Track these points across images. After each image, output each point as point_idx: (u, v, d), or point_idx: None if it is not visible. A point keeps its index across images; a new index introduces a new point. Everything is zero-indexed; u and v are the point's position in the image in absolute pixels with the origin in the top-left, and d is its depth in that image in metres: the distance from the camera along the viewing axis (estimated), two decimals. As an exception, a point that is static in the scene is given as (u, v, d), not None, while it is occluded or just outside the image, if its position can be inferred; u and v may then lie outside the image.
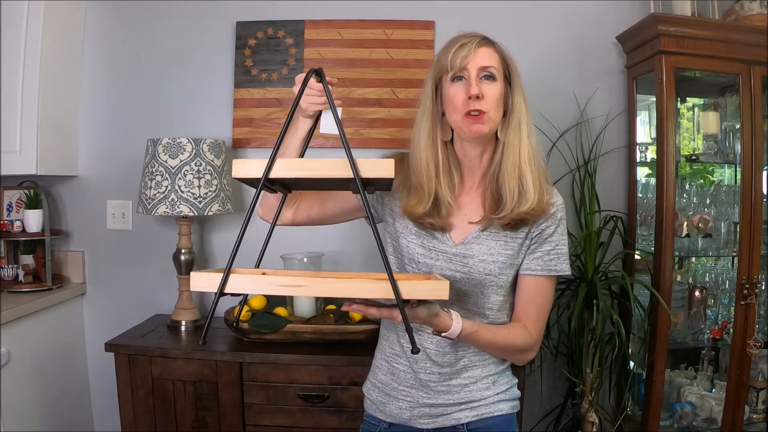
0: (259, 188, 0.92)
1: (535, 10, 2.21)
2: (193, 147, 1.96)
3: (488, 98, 1.14)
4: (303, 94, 1.05)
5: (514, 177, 1.16)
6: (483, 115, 1.14)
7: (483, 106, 1.13)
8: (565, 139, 2.18)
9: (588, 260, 2.00)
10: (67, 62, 2.20)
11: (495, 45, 1.19)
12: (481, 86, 1.14)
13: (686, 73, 2.01)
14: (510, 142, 1.17)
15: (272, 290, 0.90)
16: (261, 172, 0.91)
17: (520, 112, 1.18)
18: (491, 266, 1.18)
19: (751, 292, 1.93)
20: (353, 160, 0.89)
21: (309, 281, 0.88)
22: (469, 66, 1.14)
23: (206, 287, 0.90)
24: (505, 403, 1.25)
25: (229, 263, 0.91)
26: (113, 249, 2.31)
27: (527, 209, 1.15)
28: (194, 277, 0.91)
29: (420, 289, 0.92)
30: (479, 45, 1.15)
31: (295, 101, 1.02)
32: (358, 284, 0.89)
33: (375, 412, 1.29)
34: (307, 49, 2.22)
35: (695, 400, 2.01)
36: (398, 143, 2.17)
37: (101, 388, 2.28)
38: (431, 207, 1.18)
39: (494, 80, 1.15)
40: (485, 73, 1.15)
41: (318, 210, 1.31)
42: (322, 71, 1.02)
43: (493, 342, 1.17)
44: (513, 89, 1.18)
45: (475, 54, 1.14)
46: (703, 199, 2.03)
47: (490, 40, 1.19)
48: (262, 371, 1.80)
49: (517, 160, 1.16)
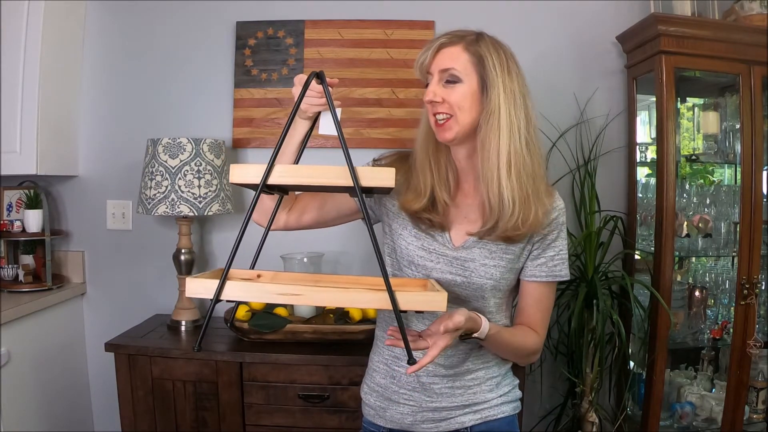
0: (257, 194, 0.91)
1: (535, 9, 2.21)
2: (193, 147, 1.96)
3: (450, 101, 1.10)
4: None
5: (493, 183, 1.09)
6: (447, 121, 1.11)
7: (446, 110, 1.10)
8: (565, 139, 2.19)
9: (588, 260, 2.00)
10: (67, 62, 2.20)
11: (464, 42, 1.11)
12: (441, 90, 1.10)
13: (686, 73, 2.01)
14: (484, 145, 1.10)
15: (269, 299, 0.90)
16: (259, 177, 0.90)
17: (498, 109, 1.08)
18: (492, 270, 1.16)
19: (751, 292, 1.93)
20: (353, 168, 0.88)
21: (306, 290, 0.88)
22: (431, 69, 1.12)
23: (202, 294, 0.90)
24: (508, 405, 1.24)
25: (225, 270, 0.90)
26: (113, 249, 2.31)
27: (511, 225, 1.09)
28: (190, 283, 0.90)
29: (417, 300, 0.90)
30: (441, 46, 1.11)
31: (296, 104, 1.01)
32: (355, 295, 0.89)
33: (374, 418, 1.26)
34: (307, 49, 2.22)
35: (695, 400, 2.01)
36: (398, 143, 2.17)
37: (101, 388, 2.28)
38: (427, 203, 1.16)
39: (457, 82, 1.10)
40: (447, 76, 1.10)
41: (313, 215, 1.28)
42: (323, 74, 1.00)
43: (511, 343, 1.17)
44: (489, 87, 1.09)
45: (435, 57, 1.11)
46: (703, 199, 2.02)
47: (459, 38, 1.12)
48: (262, 371, 1.80)
49: (495, 163, 1.09)
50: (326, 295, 0.89)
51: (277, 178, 0.91)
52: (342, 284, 1.10)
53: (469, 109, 1.10)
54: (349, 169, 0.88)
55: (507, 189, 1.09)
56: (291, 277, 1.16)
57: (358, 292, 0.89)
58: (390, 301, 0.87)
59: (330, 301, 0.89)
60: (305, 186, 0.93)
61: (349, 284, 1.09)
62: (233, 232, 2.24)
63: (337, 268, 2.24)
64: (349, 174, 0.88)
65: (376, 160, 1.29)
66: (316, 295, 0.89)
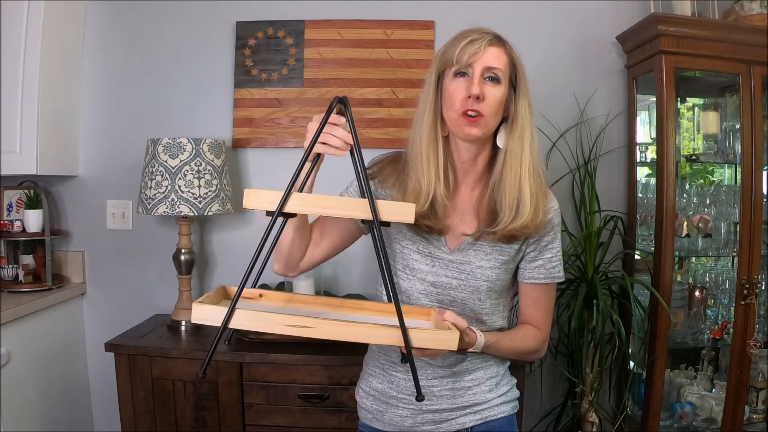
0: (271, 222, 0.89)
1: (535, 9, 2.21)
2: (193, 147, 1.96)
3: (489, 101, 1.09)
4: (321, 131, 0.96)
5: (515, 188, 1.12)
6: (479, 119, 1.09)
7: (482, 108, 1.09)
8: (565, 139, 2.18)
9: (588, 260, 2.00)
10: (67, 62, 2.20)
11: (506, 46, 1.13)
12: (484, 87, 1.09)
13: (686, 73, 2.01)
14: (513, 151, 1.12)
15: (278, 330, 0.89)
16: (274, 204, 0.88)
17: (525, 120, 1.12)
18: (488, 272, 1.17)
19: (751, 292, 1.93)
20: (374, 203, 0.88)
21: (318, 323, 0.88)
22: (475, 64, 1.09)
23: (208, 321, 0.88)
24: (507, 404, 1.25)
25: (235, 298, 0.88)
26: (113, 249, 2.31)
27: (520, 225, 1.11)
28: (196, 309, 0.89)
29: (430, 338, 0.91)
30: (490, 43, 1.10)
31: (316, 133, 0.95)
32: (369, 331, 0.89)
33: (371, 422, 1.25)
34: (307, 49, 2.22)
35: (695, 400, 2.01)
36: (398, 143, 2.17)
37: (101, 388, 2.28)
38: (428, 208, 1.13)
39: (498, 83, 1.10)
40: (490, 74, 1.10)
41: (323, 251, 1.25)
42: (346, 100, 0.95)
43: (511, 349, 1.19)
44: (518, 95, 1.13)
45: (484, 52, 1.09)
46: (703, 199, 2.02)
47: (501, 40, 1.13)
48: (262, 371, 1.80)
49: (519, 171, 1.12)
50: (337, 329, 0.88)
51: (294, 207, 0.90)
52: (347, 309, 1.08)
53: (497, 113, 1.12)
54: (369, 204, 0.88)
55: (527, 193, 1.12)
56: (292, 299, 1.12)
57: (370, 328, 0.89)
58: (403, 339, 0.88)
59: (341, 335, 0.89)
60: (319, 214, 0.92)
61: (355, 310, 1.08)
62: (233, 232, 2.24)
63: (338, 269, 2.24)
64: (369, 207, 0.88)
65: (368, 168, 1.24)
66: (328, 328, 0.88)
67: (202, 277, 2.30)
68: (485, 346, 1.12)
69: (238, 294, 0.89)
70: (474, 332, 1.10)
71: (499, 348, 1.16)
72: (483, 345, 1.11)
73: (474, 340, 1.10)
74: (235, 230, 2.24)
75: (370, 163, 1.24)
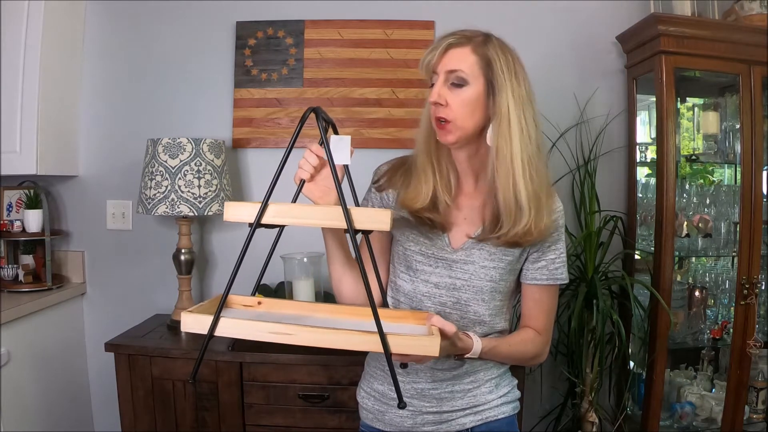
0: (250, 234, 0.91)
1: (535, 9, 2.21)
2: (193, 147, 1.96)
3: (452, 106, 1.08)
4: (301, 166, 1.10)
5: (509, 188, 1.08)
6: (447, 125, 1.08)
7: (447, 114, 1.08)
8: (565, 139, 2.19)
9: (588, 260, 2.00)
10: (67, 62, 2.20)
11: (472, 44, 1.09)
12: (447, 92, 1.08)
13: (686, 73, 2.01)
14: (500, 149, 1.08)
15: (261, 337, 0.92)
16: (253, 216, 0.91)
17: (508, 114, 1.07)
18: (492, 272, 1.16)
19: (751, 292, 1.93)
20: (347, 211, 0.89)
21: (297, 329, 0.91)
22: (437, 69, 1.09)
23: (196, 329, 0.92)
24: (508, 405, 1.24)
25: (219, 306, 0.92)
26: (113, 249, 2.31)
27: (522, 231, 1.09)
28: (185, 318, 0.92)
29: (409, 344, 0.90)
30: (449, 47, 1.09)
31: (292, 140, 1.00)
32: (347, 337, 0.90)
33: (372, 422, 1.25)
34: (307, 49, 2.22)
35: (695, 400, 2.01)
36: (398, 143, 2.18)
37: (101, 388, 2.28)
38: (429, 203, 1.14)
39: (462, 85, 1.08)
40: (453, 78, 1.08)
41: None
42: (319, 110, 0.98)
43: (510, 354, 1.18)
44: (497, 91, 1.07)
45: (443, 57, 1.08)
46: (703, 199, 2.03)
47: (468, 39, 1.09)
48: (262, 371, 1.80)
49: (510, 168, 1.07)
50: (317, 336, 0.90)
51: (271, 218, 0.91)
52: (339, 314, 1.09)
53: (471, 114, 1.09)
54: (343, 212, 0.89)
55: (523, 194, 1.08)
56: (287, 306, 1.14)
57: (349, 334, 0.90)
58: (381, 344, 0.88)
59: (320, 341, 0.90)
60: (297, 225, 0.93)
61: (346, 315, 1.08)
62: (233, 232, 2.24)
63: (337, 268, 2.23)
64: (342, 215, 0.89)
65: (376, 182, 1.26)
66: (307, 335, 0.90)
67: (202, 277, 2.30)
68: (483, 352, 1.10)
69: (222, 304, 0.93)
70: (470, 337, 1.09)
71: (497, 353, 1.15)
72: (480, 351, 1.09)
73: (469, 345, 1.08)
74: (235, 230, 2.24)
75: (376, 175, 1.26)
